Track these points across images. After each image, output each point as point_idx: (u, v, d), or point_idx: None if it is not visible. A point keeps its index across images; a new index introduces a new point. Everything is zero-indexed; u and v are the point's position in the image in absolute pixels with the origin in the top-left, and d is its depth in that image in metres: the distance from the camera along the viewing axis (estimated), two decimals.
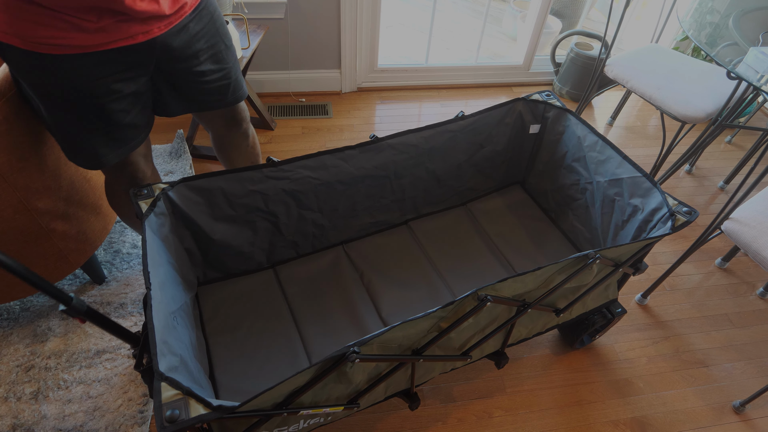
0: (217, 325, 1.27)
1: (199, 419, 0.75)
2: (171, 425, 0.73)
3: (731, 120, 1.70)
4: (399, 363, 1.02)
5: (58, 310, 1.49)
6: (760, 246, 1.29)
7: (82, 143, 1.06)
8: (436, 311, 0.93)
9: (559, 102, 1.46)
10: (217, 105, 1.24)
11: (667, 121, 2.53)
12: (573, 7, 3.16)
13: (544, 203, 1.61)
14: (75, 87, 0.96)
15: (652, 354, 1.56)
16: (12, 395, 1.32)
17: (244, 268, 1.38)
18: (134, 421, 1.30)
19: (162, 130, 2.17)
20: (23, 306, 1.51)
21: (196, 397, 0.78)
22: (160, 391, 0.77)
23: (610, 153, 1.33)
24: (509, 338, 1.23)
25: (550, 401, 1.43)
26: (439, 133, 1.40)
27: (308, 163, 1.26)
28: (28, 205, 1.19)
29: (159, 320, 0.89)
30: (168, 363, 0.84)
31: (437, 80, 2.59)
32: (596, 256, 1.05)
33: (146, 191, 1.10)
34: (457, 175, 1.54)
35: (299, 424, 1.01)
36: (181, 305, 1.07)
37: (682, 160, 1.83)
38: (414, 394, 1.18)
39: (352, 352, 0.85)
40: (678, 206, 1.16)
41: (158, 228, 1.10)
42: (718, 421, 1.42)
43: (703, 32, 1.59)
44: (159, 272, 1.00)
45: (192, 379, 0.91)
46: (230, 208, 1.24)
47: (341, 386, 0.97)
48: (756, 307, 1.72)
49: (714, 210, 2.06)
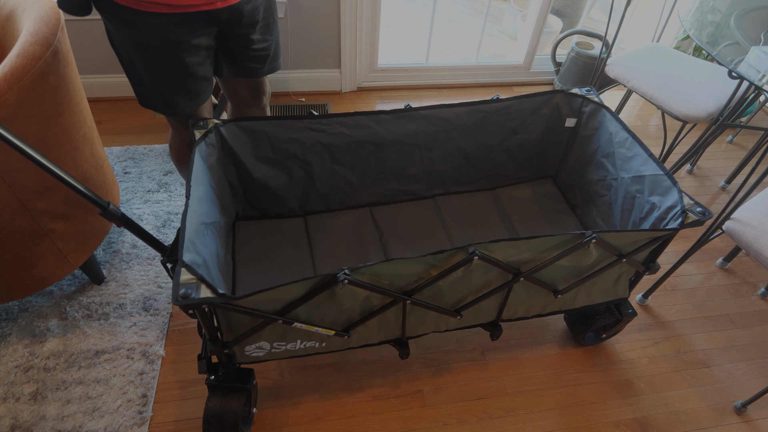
0: (247, 255, 1.42)
1: (207, 300, 0.89)
2: (183, 300, 0.88)
3: (732, 119, 1.69)
4: (391, 301, 1.08)
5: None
6: (762, 246, 1.28)
7: (163, 91, 1.20)
8: (427, 256, 1.00)
9: (598, 98, 1.46)
10: (255, 73, 1.37)
11: (668, 120, 2.53)
12: (574, 7, 3.15)
13: (572, 198, 1.62)
14: (164, 40, 1.11)
15: (654, 354, 1.56)
16: (11, 396, 1.32)
17: (279, 211, 1.52)
18: (133, 421, 1.29)
19: (162, 130, 2.16)
20: (22, 306, 1.51)
21: (206, 284, 0.92)
22: (179, 274, 0.91)
23: (638, 150, 1.33)
24: (504, 309, 1.25)
25: (551, 402, 1.42)
26: (472, 111, 1.46)
27: (344, 120, 1.38)
28: (28, 205, 1.19)
29: (191, 224, 1.03)
30: (191, 258, 0.96)
31: (437, 80, 2.59)
32: (592, 236, 1.06)
33: (202, 123, 1.26)
34: (487, 157, 1.58)
35: (296, 342, 1.12)
36: (214, 222, 1.20)
37: (683, 160, 1.82)
38: (405, 342, 1.25)
39: (342, 273, 0.95)
40: (693, 206, 1.16)
41: (207, 156, 1.24)
42: (720, 421, 1.42)
43: (704, 31, 1.59)
44: (199, 189, 1.14)
45: (211, 280, 1.02)
46: (271, 151, 1.38)
47: (334, 309, 1.06)
48: (757, 307, 1.72)
49: (715, 210, 2.06)
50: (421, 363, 1.47)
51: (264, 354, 1.13)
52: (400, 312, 1.15)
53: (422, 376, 1.45)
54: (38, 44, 1.10)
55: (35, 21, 1.15)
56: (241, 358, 1.12)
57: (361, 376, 1.43)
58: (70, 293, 1.55)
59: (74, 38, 2.09)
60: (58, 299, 1.53)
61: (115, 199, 1.51)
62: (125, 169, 1.95)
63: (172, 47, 1.12)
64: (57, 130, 1.19)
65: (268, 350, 1.12)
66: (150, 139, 2.10)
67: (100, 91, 2.27)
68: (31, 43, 1.10)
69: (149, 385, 1.37)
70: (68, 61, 1.23)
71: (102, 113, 2.22)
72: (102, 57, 2.17)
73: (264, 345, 1.10)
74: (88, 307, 1.52)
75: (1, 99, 1.03)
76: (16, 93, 1.05)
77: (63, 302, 1.53)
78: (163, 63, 1.15)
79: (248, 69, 1.35)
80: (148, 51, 1.12)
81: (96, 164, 1.39)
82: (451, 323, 1.25)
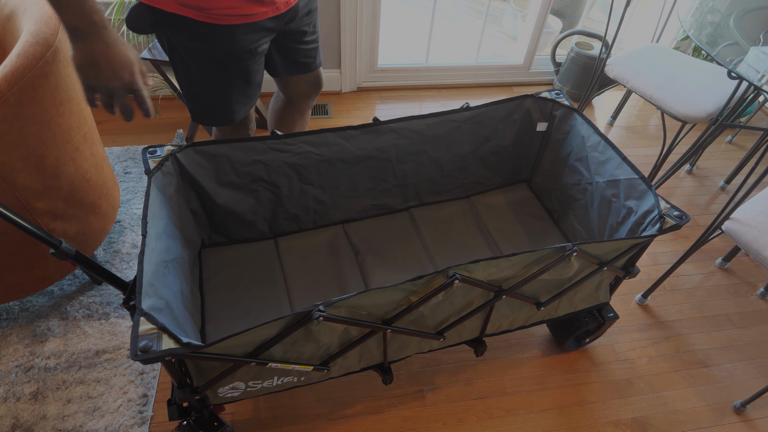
0: (215, 284, 1.34)
1: (169, 352, 0.83)
2: (143, 354, 0.81)
3: (732, 120, 1.69)
4: (370, 331, 1.05)
5: (52, 303, 1.49)
6: (761, 246, 1.29)
7: (223, 102, 1.19)
8: (405, 283, 0.96)
9: (567, 101, 1.46)
10: (310, 68, 1.36)
11: (668, 120, 2.53)
12: (573, 7, 3.16)
13: (548, 203, 1.61)
14: (231, 51, 1.10)
15: (653, 354, 1.56)
16: (12, 395, 1.32)
17: (247, 235, 1.44)
18: (134, 421, 1.29)
19: (162, 130, 2.17)
20: (22, 306, 1.51)
21: (168, 333, 0.85)
22: (138, 324, 0.85)
23: (611, 154, 1.32)
24: (487, 325, 1.23)
25: (550, 401, 1.42)
26: (442, 122, 1.42)
27: (311, 138, 1.32)
28: (28, 205, 1.19)
29: (149, 265, 0.97)
30: (151, 303, 0.90)
31: (437, 80, 2.59)
32: (573, 249, 1.05)
33: (158, 151, 1.18)
34: (461, 167, 1.55)
35: (273, 380, 1.06)
36: (175, 257, 1.12)
37: (682, 160, 1.82)
38: (387, 368, 1.21)
39: (317, 310, 0.90)
40: (670, 210, 1.15)
41: (164, 186, 1.17)
42: (719, 421, 1.42)
43: (703, 32, 1.59)
44: (157, 224, 1.07)
45: (176, 324, 0.96)
46: (235, 176, 1.31)
47: (311, 345, 1.01)
48: (757, 307, 1.72)
49: (714, 210, 2.06)
50: (421, 363, 1.48)
51: (239, 394, 1.07)
52: (381, 340, 1.12)
53: (422, 375, 1.45)
54: (39, 44, 1.10)
55: (36, 21, 1.16)
56: (214, 400, 1.07)
57: (361, 375, 1.44)
58: (70, 293, 1.55)
59: None
60: (59, 299, 1.53)
61: (115, 199, 1.52)
62: (126, 169, 1.95)
63: (237, 57, 1.12)
64: (57, 130, 1.20)
65: (244, 390, 1.06)
66: (150, 140, 2.11)
67: None
68: (32, 43, 1.10)
69: (150, 384, 1.37)
70: (69, 62, 1.23)
71: (102, 113, 2.22)
72: None
73: (238, 385, 1.04)
74: (89, 307, 1.52)
75: (2, 99, 1.03)
76: (17, 93, 1.06)
77: (63, 302, 1.53)
78: (227, 73, 1.14)
79: (304, 64, 1.34)
80: (213, 63, 1.11)
81: (96, 164, 1.39)
82: (435, 344, 1.22)
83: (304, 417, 1.34)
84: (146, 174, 1.13)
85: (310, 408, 1.36)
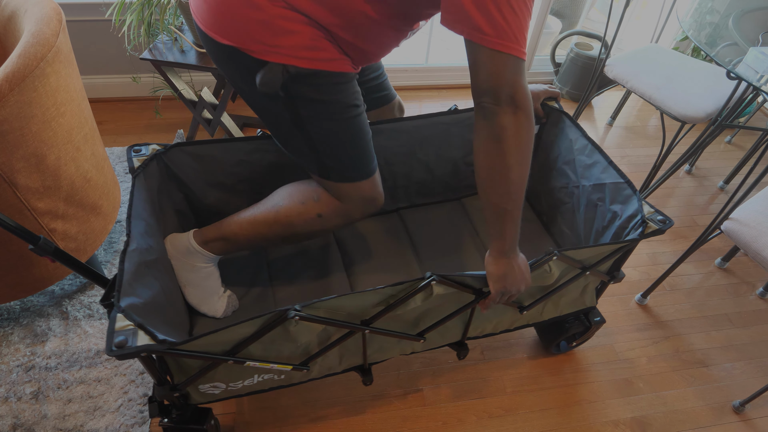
0: None
1: (144, 348, 0.82)
2: (118, 350, 0.81)
3: (731, 120, 1.70)
4: (349, 331, 1.05)
5: (57, 307, 1.50)
6: (760, 246, 1.29)
7: (365, 152, 1.12)
8: (386, 288, 0.96)
9: (556, 104, 1.46)
10: (388, 98, 1.39)
11: (667, 121, 2.54)
12: (573, 7, 3.16)
13: (537, 205, 1.61)
14: (357, 97, 1.07)
15: (652, 354, 1.56)
16: (12, 395, 1.33)
17: None
18: (134, 421, 1.30)
19: (162, 130, 2.17)
20: (23, 306, 1.51)
21: (145, 330, 0.85)
22: (114, 320, 0.85)
23: (598, 157, 1.32)
24: (469, 328, 1.23)
25: (550, 401, 1.43)
26: (431, 124, 1.41)
27: None
28: (29, 205, 1.19)
29: (130, 265, 0.96)
30: (129, 301, 0.90)
31: (437, 80, 2.59)
32: (553, 254, 1.05)
33: (143, 150, 1.17)
34: (452, 171, 1.55)
35: (254, 378, 1.07)
36: (158, 257, 1.11)
37: (681, 160, 1.83)
38: (368, 369, 1.21)
39: (293, 309, 0.90)
40: (653, 214, 1.15)
41: (148, 186, 1.16)
42: (718, 420, 1.42)
43: (702, 32, 1.59)
44: (140, 224, 1.06)
45: (158, 322, 0.96)
46: (222, 175, 1.30)
47: (289, 345, 1.01)
48: (756, 307, 1.72)
49: (714, 210, 2.07)
50: (421, 362, 1.48)
51: (220, 392, 1.07)
52: (361, 341, 1.12)
53: (422, 375, 1.45)
54: (39, 45, 1.11)
55: (36, 22, 1.16)
56: (196, 397, 1.07)
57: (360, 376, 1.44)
58: (71, 293, 1.56)
59: (75, 39, 2.09)
60: (59, 299, 1.54)
61: (116, 199, 1.52)
62: (126, 170, 1.96)
63: (357, 105, 1.07)
64: (58, 131, 1.20)
65: (224, 388, 1.06)
66: (151, 140, 2.11)
67: (101, 92, 2.28)
68: (33, 44, 1.10)
69: (150, 384, 1.37)
70: (69, 62, 1.24)
71: (103, 114, 2.23)
72: (102, 58, 2.18)
73: (219, 384, 1.04)
74: (90, 307, 1.52)
75: (3, 99, 1.03)
76: (18, 93, 1.06)
77: (64, 302, 1.53)
78: (360, 124, 1.08)
79: (384, 97, 1.37)
80: (349, 112, 1.05)
81: (97, 164, 1.39)
82: (417, 346, 1.22)
83: (304, 417, 1.35)
84: (130, 173, 1.10)
85: (310, 408, 1.36)
